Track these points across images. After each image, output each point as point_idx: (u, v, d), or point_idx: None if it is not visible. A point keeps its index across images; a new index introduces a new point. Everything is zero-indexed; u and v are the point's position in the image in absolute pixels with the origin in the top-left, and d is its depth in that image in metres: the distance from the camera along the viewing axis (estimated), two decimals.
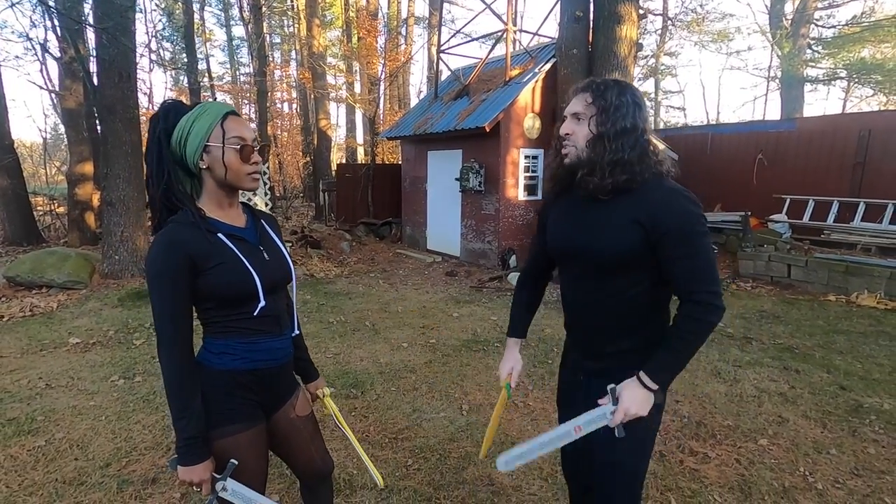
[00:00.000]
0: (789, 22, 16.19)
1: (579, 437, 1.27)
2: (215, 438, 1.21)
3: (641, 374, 1.20)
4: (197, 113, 1.21)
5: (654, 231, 1.19)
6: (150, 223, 1.29)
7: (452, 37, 10.66)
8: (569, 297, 1.42)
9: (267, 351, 1.29)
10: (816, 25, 16.43)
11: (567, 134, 1.29)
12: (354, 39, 16.78)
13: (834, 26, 16.36)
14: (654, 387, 1.19)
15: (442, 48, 9.65)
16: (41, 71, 15.01)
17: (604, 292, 1.30)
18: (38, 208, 11.39)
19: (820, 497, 2.26)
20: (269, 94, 16.17)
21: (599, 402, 1.25)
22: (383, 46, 15.76)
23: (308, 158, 18.00)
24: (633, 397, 1.19)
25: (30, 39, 10.47)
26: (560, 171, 1.36)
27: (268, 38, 19.85)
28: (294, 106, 23.15)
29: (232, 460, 1.20)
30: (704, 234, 1.19)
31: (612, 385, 1.22)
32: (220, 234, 1.21)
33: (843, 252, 6.77)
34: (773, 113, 21.80)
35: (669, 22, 19.23)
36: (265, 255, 1.29)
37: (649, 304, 1.30)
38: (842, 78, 16.93)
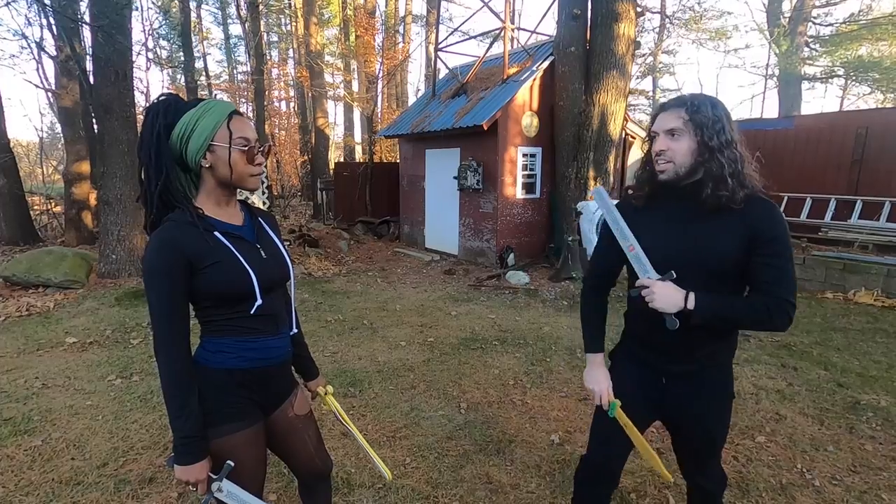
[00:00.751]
0: (787, 20, 16.22)
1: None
2: (212, 438, 1.20)
3: (692, 293, 1.24)
4: (202, 110, 1.18)
5: (758, 235, 1.24)
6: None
7: (450, 35, 10.64)
8: None
9: (264, 350, 1.28)
10: (814, 23, 16.48)
11: (662, 150, 1.30)
12: (352, 38, 16.75)
13: (831, 24, 16.43)
14: (691, 304, 1.23)
15: (440, 46, 9.63)
16: (37, 69, 14.86)
17: None
18: (35, 208, 11.32)
19: (817, 494, 2.27)
20: (266, 92, 16.13)
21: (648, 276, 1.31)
22: (381, 45, 15.75)
23: (306, 157, 17.97)
24: (668, 291, 1.25)
25: (25, 38, 10.37)
26: (649, 186, 1.39)
27: (265, 37, 19.79)
28: (292, 104, 23.11)
29: (228, 462, 1.19)
30: (792, 253, 1.29)
31: (674, 274, 1.26)
32: (216, 233, 1.20)
33: (841, 249, 6.78)
34: (771, 111, 21.76)
35: (667, 20, 19.24)
36: (262, 253, 1.28)
37: None
38: (839, 76, 16.97)
